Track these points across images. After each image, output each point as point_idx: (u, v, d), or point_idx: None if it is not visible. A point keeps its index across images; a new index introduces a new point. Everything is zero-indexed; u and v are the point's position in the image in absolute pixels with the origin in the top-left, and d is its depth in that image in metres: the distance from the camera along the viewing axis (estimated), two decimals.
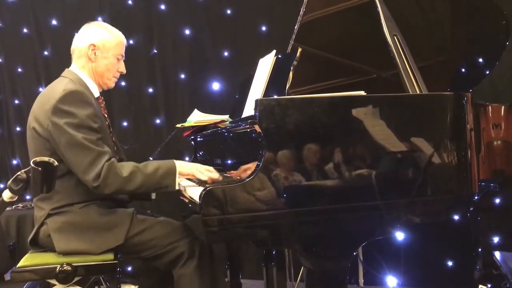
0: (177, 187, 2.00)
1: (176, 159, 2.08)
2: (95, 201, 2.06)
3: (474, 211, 2.77)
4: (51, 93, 2.04)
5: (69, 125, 1.93)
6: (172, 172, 1.98)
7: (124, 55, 2.27)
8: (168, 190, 1.99)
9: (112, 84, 2.27)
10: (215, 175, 2.00)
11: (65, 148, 1.94)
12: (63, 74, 2.19)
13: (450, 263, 3.11)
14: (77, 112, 1.95)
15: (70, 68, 2.21)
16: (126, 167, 1.95)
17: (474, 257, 2.86)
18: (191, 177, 2.07)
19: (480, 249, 2.85)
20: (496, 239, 3.06)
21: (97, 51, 2.17)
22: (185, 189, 2.06)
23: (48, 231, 2.02)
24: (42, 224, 2.05)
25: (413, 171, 1.76)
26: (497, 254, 2.27)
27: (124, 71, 2.29)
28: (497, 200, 3.05)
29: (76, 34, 2.24)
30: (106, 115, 2.23)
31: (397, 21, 2.08)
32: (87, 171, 1.91)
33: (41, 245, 2.08)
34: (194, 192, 1.89)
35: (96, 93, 2.20)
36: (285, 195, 1.64)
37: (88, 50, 2.16)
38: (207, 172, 2.00)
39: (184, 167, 2.02)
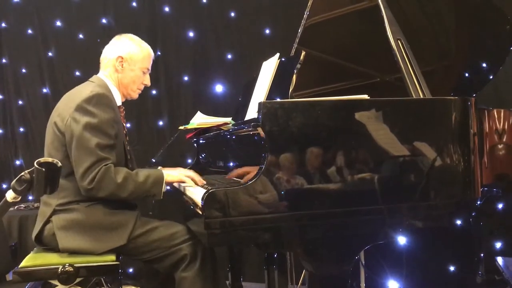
0: (162, 196, 2.06)
1: (179, 161, 2.08)
2: (101, 201, 2.07)
3: (477, 216, 2.77)
4: (78, 93, 2.11)
5: (87, 124, 1.99)
6: (160, 181, 2.05)
7: (150, 69, 2.34)
8: (155, 198, 2.06)
9: (135, 96, 2.36)
10: (197, 178, 2.12)
11: (75, 144, 2.00)
12: (91, 79, 2.26)
13: (452, 268, 3.10)
14: (99, 113, 2.02)
15: (98, 75, 2.28)
16: (120, 173, 1.99)
17: (476, 262, 2.86)
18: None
19: (482, 254, 2.84)
20: (498, 245, 3.05)
21: (125, 63, 2.25)
22: (184, 189, 2.07)
23: (53, 230, 2.03)
24: (47, 221, 2.06)
25: (415, 175, 1.76)
26: (500, 260, 2.27)
27: (149, 84, 2.37)
28: (500, 205, 3.04)
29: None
30: (124, 124, 2.29)
31: (401, 25, 2.08)
32: (84, 175, 1.96)
33: (45, 243, 2.09)
34: (196, 194, 1.89)
35: (119, 101, 2.27)
36: (287, 198, 1.64)
37: (116, 61, 2.24)
38: (194, 176, 2.11)
39: (170, 175, 2.10)
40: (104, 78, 2.25)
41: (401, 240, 3.01)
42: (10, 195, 1.46)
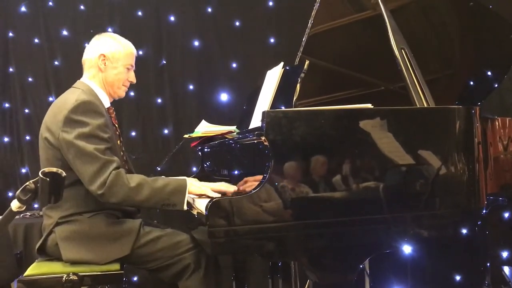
0: (185, 207, 1.95)
1: (183, 169, 2.06)
2: (103, 211, 2.07)
3: (482, 225, 2.75)
4: (63, 103, 2.07)
5: (79, 135, 1.96)
6: (181, 190, 1.95)
7: (134, 65, 2.31)
8: (176, 208, 1.95)
9: (122, 94, 2.31)
10: (231, 188, 1.95)
11: (74, 157, 1.96)
12: (75, 85, 2.22)
13: (458, 278, 3.07)
14: (89, 121, 1.99)
15: (82, 79, 2.26)
16: (134, 178, 1.96)
17: (482, 272, 2.83)
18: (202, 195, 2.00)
19: (488, 264, 2.82)
20: (505, 254, 3.02)
21: (107, 61, 2.21)
22: (193, 201, 2.06)
23: (56, 240, 2.03)
24: (50, 232, 2.06)
25: (420, 184, 1.75)
26: (506, 269, 2.25)
27: (134, 81, 2.33)
28: (506, 214, 3.02)
29: (86, 45, 2.29)
30: (116, 125, 2.27)
31: (405, 34, 2.08)
32: (93, 180, 1.92)
33: (49, 253, 2.09)
34: (200, 203, 1.89)
35: (107, 103, 2.24)
36: (291, 207, 1.64)
37: (98, 60, 2.21)
38: (222, 188, 1.95)
39: (194, 185, 1.98)
40: (88, 81, 2.22)
41: (406, 249, 2.99)
42: (15, 205, 1.47)
